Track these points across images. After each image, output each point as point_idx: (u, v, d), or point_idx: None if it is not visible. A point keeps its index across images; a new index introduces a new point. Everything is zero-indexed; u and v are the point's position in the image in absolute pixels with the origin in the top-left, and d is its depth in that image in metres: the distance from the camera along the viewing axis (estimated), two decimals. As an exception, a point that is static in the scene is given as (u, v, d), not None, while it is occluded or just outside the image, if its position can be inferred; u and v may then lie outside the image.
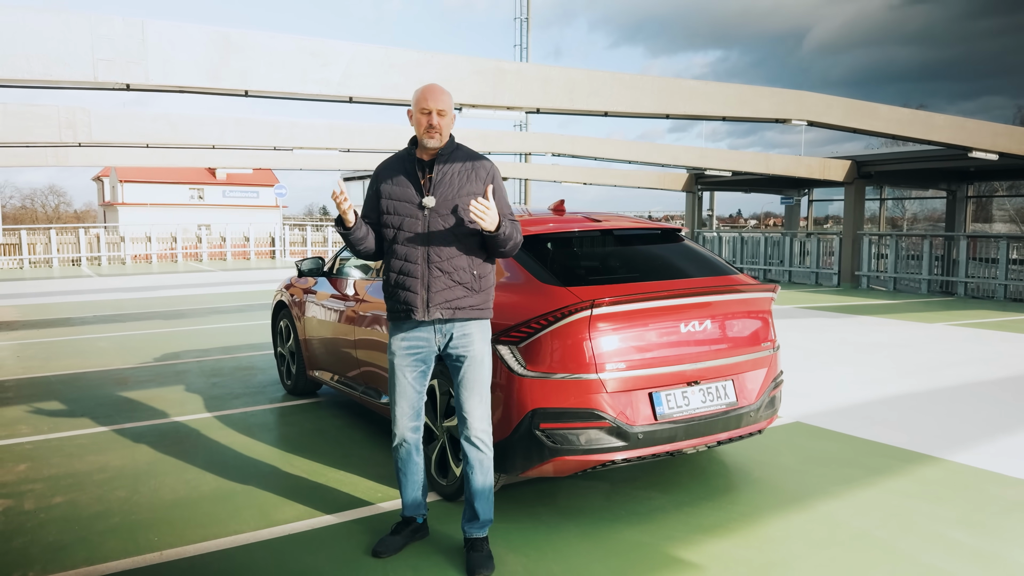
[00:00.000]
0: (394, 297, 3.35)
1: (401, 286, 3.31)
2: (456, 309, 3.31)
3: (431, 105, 3.26)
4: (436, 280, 3.28)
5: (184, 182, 49.92)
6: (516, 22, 33.58)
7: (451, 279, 3.30)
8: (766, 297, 4.17)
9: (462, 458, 3.43)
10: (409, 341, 3.37)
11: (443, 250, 3.29)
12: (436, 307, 3.29)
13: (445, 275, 3.29)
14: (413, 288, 3.29)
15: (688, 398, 3.82)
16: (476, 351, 3.37)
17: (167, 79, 6.05)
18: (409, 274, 3.29)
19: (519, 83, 7.49)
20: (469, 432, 3.37)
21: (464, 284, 3.32)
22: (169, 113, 11.65)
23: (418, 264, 3.29)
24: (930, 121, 10.96)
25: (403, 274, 3.31)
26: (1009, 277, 15.42)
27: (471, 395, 3.37)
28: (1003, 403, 6.20)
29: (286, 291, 6.64)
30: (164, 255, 30.52)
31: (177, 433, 5.45)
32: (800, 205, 25.80)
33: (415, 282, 3.29)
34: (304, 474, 4.57)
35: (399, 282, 3.32)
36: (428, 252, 3.28)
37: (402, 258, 3.31)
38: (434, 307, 3.29)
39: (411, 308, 3.30)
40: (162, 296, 15.84)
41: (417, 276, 3.29)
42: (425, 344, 3.36)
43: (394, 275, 3.34)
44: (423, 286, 3.28)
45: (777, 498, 4.16)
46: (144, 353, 8.68)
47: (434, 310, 3.29)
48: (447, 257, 3.29)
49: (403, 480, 3.55)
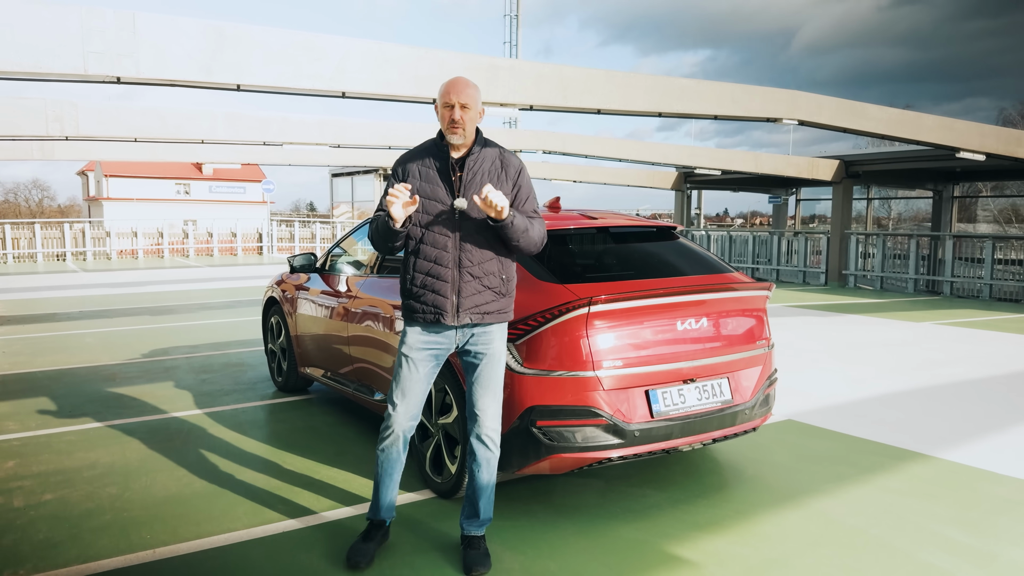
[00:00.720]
0: (420, 299, 3.23)
1: (430, 288, 3.20)
2: (484, 314, 3.26)
3: (454, 99, 3.14)
4: (467, 285, 3.20)
5: (170, 177, 49.53)
6: (506, 19, 33.57)
7: (481, 284, 3.23)
8: (761, 295, 4.18)
9: (469, 455, 3.38)
10: (429, 339, 3.28)
11: (474, 253, 3.21)
12: (466, 312, 3.22)
13: (476, 280, 3.22)
14: (443, 292, 3.20)
15: (684, 396, 3.82)
16: (495, 349, 3.32)
17: (159, 72, 5.98)
18: (439, 277, 3.20)
19: (513, 80, 7.47)
20: (481, 430, 3.32)
21: (493, 289, 3.26)
22: (158, 107, 11.56)
23: (448, 268, 3.19)
24: (919, 121, 11.04)
25: (432, 276, 3.20)
26: (994, 277, 15.57)
27: (487, 393, 3.32)
28: (992, 401, 6.25)
29: (277, 287, 6.60)
30: (150, 250, 30.29)
31: (168, 430, 5.40)
32: (788, 204, 25.94)
33: (445, 286, 3.20)
34: (297, 471, 4.54)
35: (427, 284, 3.20)
36: (460, 256, 3.19)
37: (432, 260, 3.20)
38: (464, 312, 3.21)
39: (440, 312, 3.20)
40: (149, 292, 15.72)
41: (447, 280, 3.19)
42: (445, 344, 3.30)
43: (421, 276, 3.21)
44: (453, 291, 3.20)
45: (771, 495, 4.17)
46: (132, 349, 8.61)
47: (464, 315, 3.22)
48: (478, 261, 3.22)
49: (386, 481, 3.40)
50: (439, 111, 3.22)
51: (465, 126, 3.17)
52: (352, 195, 39.11)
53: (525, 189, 3.34)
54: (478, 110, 3.23)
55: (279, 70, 6.51)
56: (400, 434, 3.33)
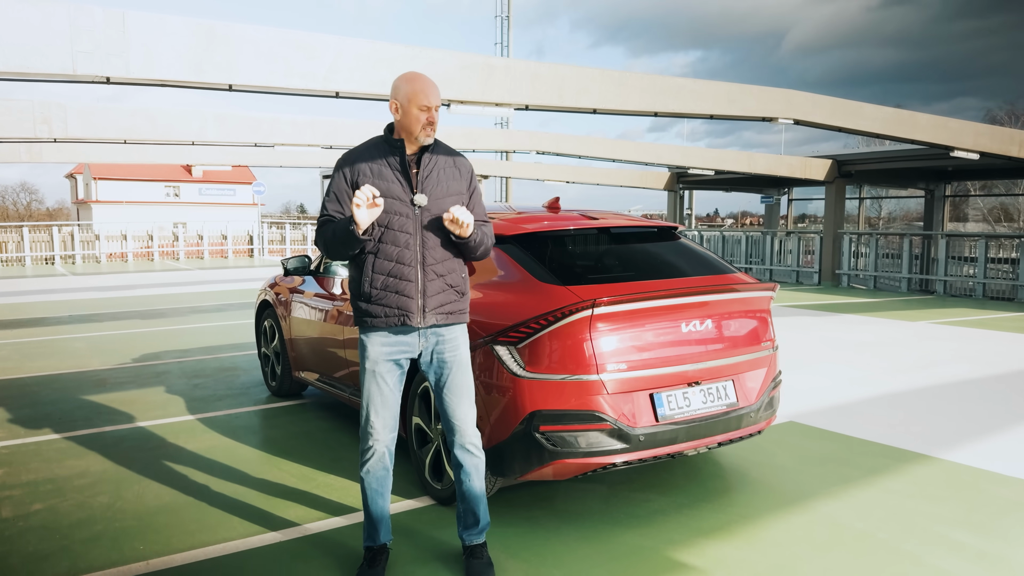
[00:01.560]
0: (382, 302, 3.08)
1: (392, 290, 3.08)
2: (448, 314, 3.17)
3: (432, 101, 3.05)
4: (431, 284, 3.10)
5: (160, 179, 49.27)
6: (497, 20, 33.49)
7: (445, 282, 3.14)
8: (765, 296, 4.11)
9: (455, 467, 3.28)
10: (392, 347, 3.15)
11: (437, 251, 3.12)
12: (432, 312, 3.12)
13: (440, 278, 3.13)
14: (407, 292, 3.08)
15: (689, 399, 3.76)
16: (462, 355, 3.23)
17: (149, 72, 5.87)
18: (402, 277, 3.08)
19: (508, 79, 7.39)
20: (463, 439, 3.23)
21: (455, 287, 3.18)
22: (148, 108, 11.42)
23: (412, 267, 3.08)
24: (914, 120, 11.02)
25: (395, 277, 3.07)
26: (987, 276, 15.59)
27: (462, 400, 3.22)
28: (993, 402, 6.21)
29: (270, 290, 6.50)
30: (140, 253, 30.06)
31: (160, 436, 5.30)
32: (780, 204, 25.97)
33: (409, 286, 3.08)
34: (293, 479, 4.45)
35: (389, 286, 3.07)
36: (423, 254, 3.09)
37: (393, 259, 3.07)
38: (430, 313, 3.11)
39: (406, 314, 3.08)
40: (139, 295, 15.57)
41: (412, 279, 3.08)
42: (408, 349, 3.18)
43: (382, 277, 3.06)
44: (418, 291, 3.09)
45: (776, 499, 4.11)
46: (122, 354, 8.49)
47: (430, 316, 3.12)
48: (441, 259, 3.13)
49: (379, 502, 3.23)
50: (406, 112, 3.06)
51: (435, 127, 3.11)
52: (327, 191, 38.87)
53: (478, 192, 3.28)
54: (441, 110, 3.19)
55: (271, 69, 6.41)
56: (384, 450, 3.20)
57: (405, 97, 3.06)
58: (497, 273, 4.00)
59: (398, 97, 3.09)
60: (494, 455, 3.69)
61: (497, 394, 3.64)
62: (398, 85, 3.11)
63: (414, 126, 3.07)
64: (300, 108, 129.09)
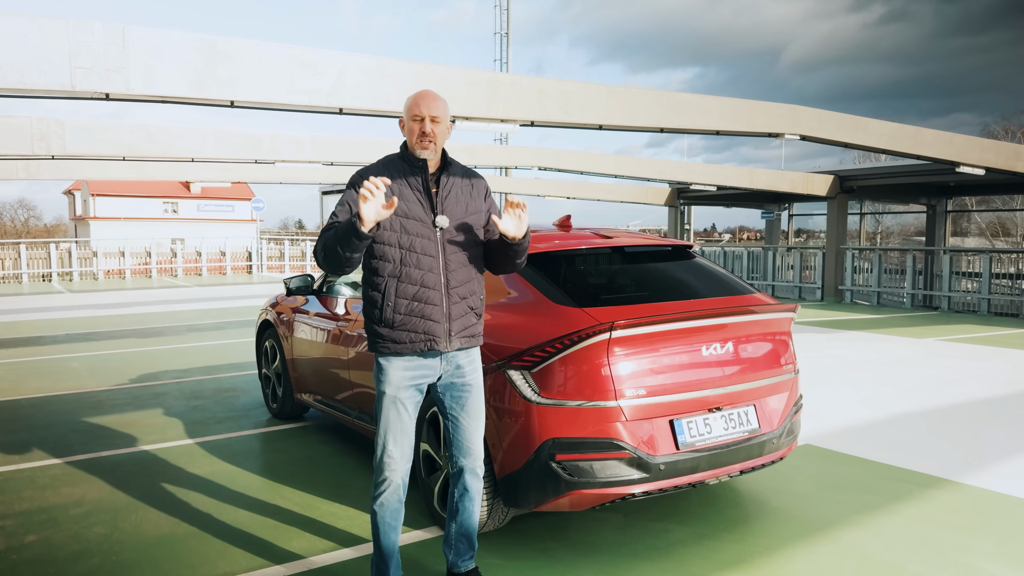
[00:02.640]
0: (407, 327, 2.96)
1: (418, 315, 2.95)
2: (471, 337, 3.09)
3: (424, 111, 2.97)
4: (456, 307, 3.01)
5: (158, 196, 49.18)
6: (497, 37, 33.58)
7: (467, 304, 3.06)
8: (787, 317, 3.98)
9: (460, 491, 3.17)
10: (415, 371, 3.03)
11: (459, 273, 3.03)
12: (457, 336, 3.03)
13: (463, 301, 3.04)
14: (434, 317, 2.97)
15: (710, 425, 3.61)
16: (479, 379, 3.17)
17: (149, 88, 5.76)
18: (428, 301, 2.96)
19: (514, 95, 7.30)
20: (474, 464, 3.15)
21: (475, 310, 3.10)
22: (147, 125, 11.31)
23: (437, 290, 2.97)
24: (920, 136, 10.95)
25: (419, 301, 2.95)
26: (992, 291, 15.49)
27: (478, 425, 3.14)
28: (1010, 423, 6.07)
29: (272, 310, 6.36)
30: (138, 270, 29.91)
31: (158, 462, 5.14)
32: (780, 219, 25.90)
33: (435, 310, 2.97)
34: (296, 507, 4.29)
35: (415, 311, 2.95)
36: (447, 277, 2.99)
37: (417, 283, 2.95)
38: (456, 337, 3.02)
39: (433, 339, 2.97)
40: (137, 313, 15.41)
41: (438, 304, 2.97)
42: (430, 373, 3.07)
43: (406, 302, 2.95)
44: (444, 314, 2.99)
45: (798, 528, 3.95)
46: (120, 374, 8.33)
47: (455, 339, 3.02)
48: (463, 281, 3.04)
49: (391, 536, 3.09)
50: (406, 125, 3.03)
51: (436, 140, 3.00)
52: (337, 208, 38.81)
53: (495, 208, 3.20)
54: (447, 124, 3.07)
55: (274, 86, 6.30)
56: (400, 481, 3.07)
57: (405, 111, 3.05)
58: (508, 294, 3.87)
59: (402, 114, 3.08)
60: (507, 485, 3.55)
61: (510, 421, 3.50)
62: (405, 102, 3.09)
63: (410, 138, 3.03)
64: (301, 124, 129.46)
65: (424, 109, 2.98)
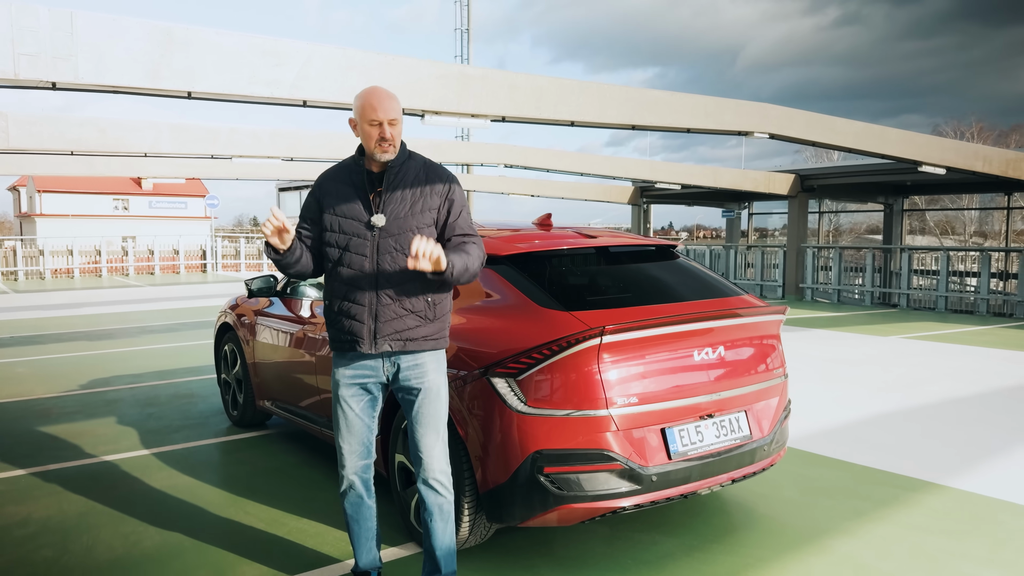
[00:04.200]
0: (337, 326, 2.96)
1: (346, 314, 2.93)
2: (407, 340, 2.94)
3: (381, 116, 2.81)
4: (385, 309, 2.90)
5: (108, 192, 47.77)
6: (457, 32, 33.30)
7: (402, 307, 2.91)
8: (776, 320, 3.85)
9: (421, 506, 3.03)
10: (354, 370, 2.99)
11: (393, 275, 2.90)
12: (384, 339, 2.91)
13: (395, 303, 2.90)
14: (359, 317, 2.90)
15: (702, 433, 3.46)
16: (430, 382, 2.99)
17: (100, 78, 5.41)
18: (355, 301, 2.91)
19: (484, 90, 7.08)
20: (427, 474, 2.99)
21: (417, 312, 2.94)
22: (98, 118, 10.80)
23: (365, 291, 2.90)
24: (884, 135, 11.02)
25: (348, 301, 2.92)
26: (949, 289, 15.75)
27: (427, 431, 2.99)
28: (987, 423, 6.06)
29: (232, 312, 6.05)
30: (87, 269, 28.95)
31: (111, 475, 4.82)
32: (740, 218, 26.12)
33: (361, 311, 2.90)
34: (262, 524, 4.03)
35: (344, 310, 2.94)
36: (377, 278, 2.89)
37: (347, 283, 2.91)
38: (382, 339, 2.91)
39: (357, 340, 2.92)
40: (86, 314, 14.81)
41: (364, 304, 2.90)
42: (372, 373, 2.99)
43: (338, 301, 2.95)
44: (370, 315, 2.90)
45: (790, 537, 3.83)
46: (68, 380, 7.91)
47: (382, 342, 2.91)
48: (398, 283, 2.90)
49: (356, 530, 3.14)
50: (359, 128, 2.87)
51: (395, 142, 2.87)
52: (300, 209, 38.17)
53: (459, 204, 3.01)
54: (402, 121, 2.92)
55: (235, 76, 5.98)
56: (354, 479, 3.06)
57: (358, 112, 2.87)
58: (487, 296, 3.68)
59: (354, 113, 2.89)
60: (491, 499, 3.35)
61: (494, 432, 3.30)
62: (354, 103, 2.91)
63: (368, 143, 2.88)
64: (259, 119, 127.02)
65: (381, 114, 2.82)
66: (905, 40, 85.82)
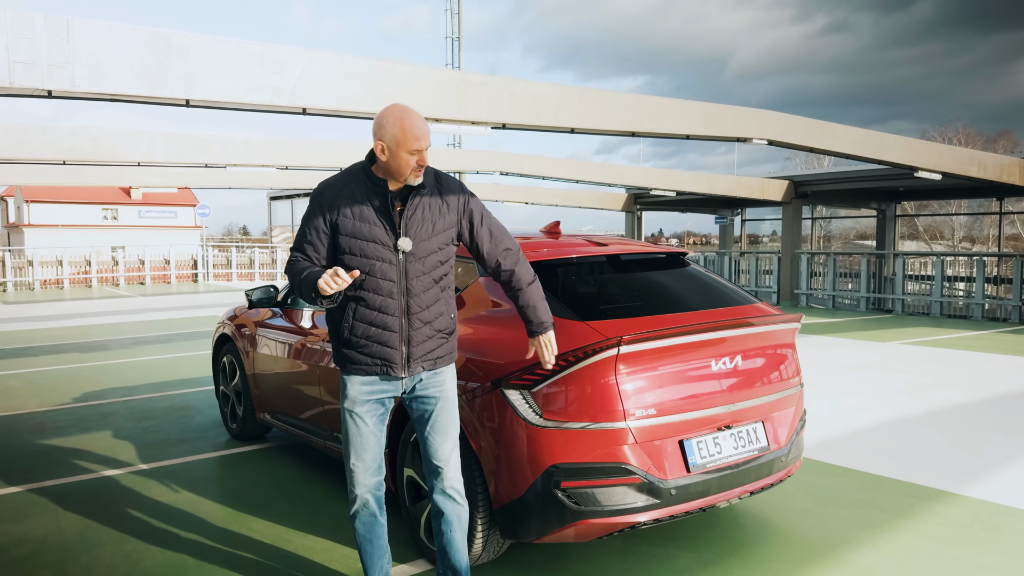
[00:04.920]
0: (364, 351, 2.84)
1: (375, 340, 2.82)
2: (436, 360, 2.90)
3: (424, 144, 2.72)
4: (417, 333, 2.83)
5: (97, 202, 47.36)
6: (448, 41, 33.25)
7: (432, 328, 2.87)
8: (792, 328, 3.80)
9: (435, 516, 2.96)
10: (373, 387, 2.90)
11: (422, 298, 2.83)
12: (417, 362, 2.86)
13: (426, 325, 2.85)
14: (391, 343, 2.82)
15: (720, 445, 3.39)
16: (448, 390, 2.95)
17: (96, 86, 5.31)
18: (386, 327, 2.81)
19: (485, 97, 7.01)
20: (445, 483, 2.93)
21: (443, 332, 2.91)
22: (90, 127, 10.66)
23: (396, 316, 2.80)
24: (882, 141, 11.02)
25: (377, 327, 2.81)
26: (944, 294, 15.77)
27: (445, 440, 2.93)
28: (997, 429, 6.02)
29: (231, 323, 5.95)
30: (77, 279, 28.70)
31: (109, 492, 4.71)
32: (733, 224, 26.15)
33: (393, 336, 2.81)
34: (267, 540, 3.93)
35: (372, 335, 2.82)
36: (408, 302, 2.80)
37: (376, 308, 2.80)
38: (415, 362, 2.85)
39: (389, 365, 2.83)
40: (78, 325, 14.63)
41: (395, 330, 2.81)
42: (392, 389, 2.92)
43: (363, 326, 2.82)
44: (403, 340, 2.82)
45: (807, 549, 3.76)
46: (62, 392, 7.78)
47: (415, 365, 2.85)
48: (426, 305, 2.84)
49: (369, 550, 3.01)
50: (398, 156, 2.72)
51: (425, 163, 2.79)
52: (292, 218, 38.04)
53: (478, 210, 2.93)
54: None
55: (233, 84, 5.88)
56: (367, 497, 2.94)
57: (393, 140, 2.71)
58: (497, 306, 3.60)
59: (384, 138, 2.72)
60: (506, 515, 3.26)
61: (509, 445, 3.22)
62: (384, 125, 2.73)
63: (404, 170, 2.75)
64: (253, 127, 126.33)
65: (424, 142, 2.73)
66: (893, 47, 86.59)
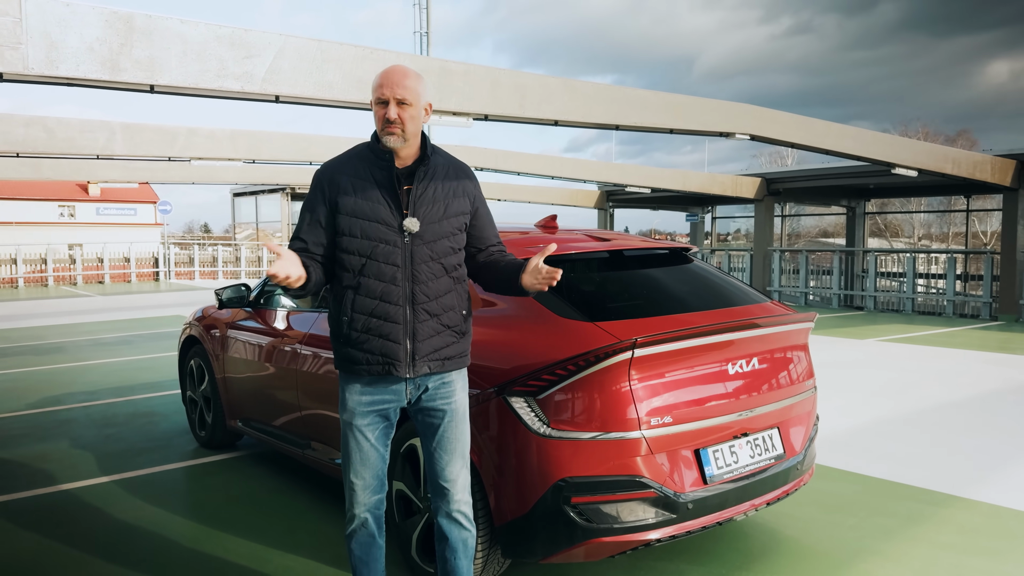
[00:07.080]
0: (363, 347, 2.54)
1: (376, 333, 2.52)
2: (444, 360, 2.59)
3: (387, 93, 2.47)
4: (423, 326, 2.53)
5: (52, 199, 45.95)
6: (416, 36, 32.83)
7: (440, 323, 2.57)
8: (806, 328, 3.59)
9: (439, 540, 2.70)
10: (374, 395, 2.59)
11: (429, 286, 2.54)
12: (423, 360, 2.54)
13: (433, 318, 2.55)
14: (394, 337, 2.51)
15: (736, 454, 3.17)
16: (457, 403, 2.65)
17: (51, 69, 4.91)
18: (387, 318, 2.51)
19: (466, 86, 6.72)
20: (452, 505, 2.65)
21: (453, 328, 2.60)
22: (46, 117, 10.13)
23: (400, 306, 2.51)
24: (860, 137, 10.98)
25: (378, 317, 2.51)
26: (916, 291, 15.87)
27: (454, 458, 2.64)
28: (995, 428, 5.92)
29: (198, 324, 5.60)
30: (32, 278, 27.76)
31: (68, 507, 4.35)
32: (704, 222, 26.17)
33: (396, 329, 2.51)
34: (242, 560, 3.62)
35: (372, 328, 2.52)
36: (413, 290, 2.51)
37: (376, 297, 2.51)
38: (421, 360, 2.54)
39: (391, 362, 2.52)
40: (33, 326, 14.02)
41: (399, 321, 2.51)
42: (394, 399, 2.60)
43: (363, 318, 2.53)
44: (407, 334, 2.52)
45: (822, 561, 3.56)
46: (16, 398, 7.33)
47: (421, 364, 2.54)
48: (434, 296, 2.55)
49: (364, 573, 2.75)
50: (373, 110, 2.54)
51: (404, 126, 2.48)
52: (256, 216, 37.26)
53: (484, 208, 2.72)
54: (422, 106, 2.54)
55: (201, 68, 5.51)
56: (366, 516, 2.67)
57: (372, 91, 2.55)
58: (492, 305, 3.34)
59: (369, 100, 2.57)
60: (509, 533, 3.01)
61: (513, 457, 2.96)
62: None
63: (377, 126, 2.52)
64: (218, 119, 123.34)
65: (388, 91, 2.47)
66: (855, 49, 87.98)
